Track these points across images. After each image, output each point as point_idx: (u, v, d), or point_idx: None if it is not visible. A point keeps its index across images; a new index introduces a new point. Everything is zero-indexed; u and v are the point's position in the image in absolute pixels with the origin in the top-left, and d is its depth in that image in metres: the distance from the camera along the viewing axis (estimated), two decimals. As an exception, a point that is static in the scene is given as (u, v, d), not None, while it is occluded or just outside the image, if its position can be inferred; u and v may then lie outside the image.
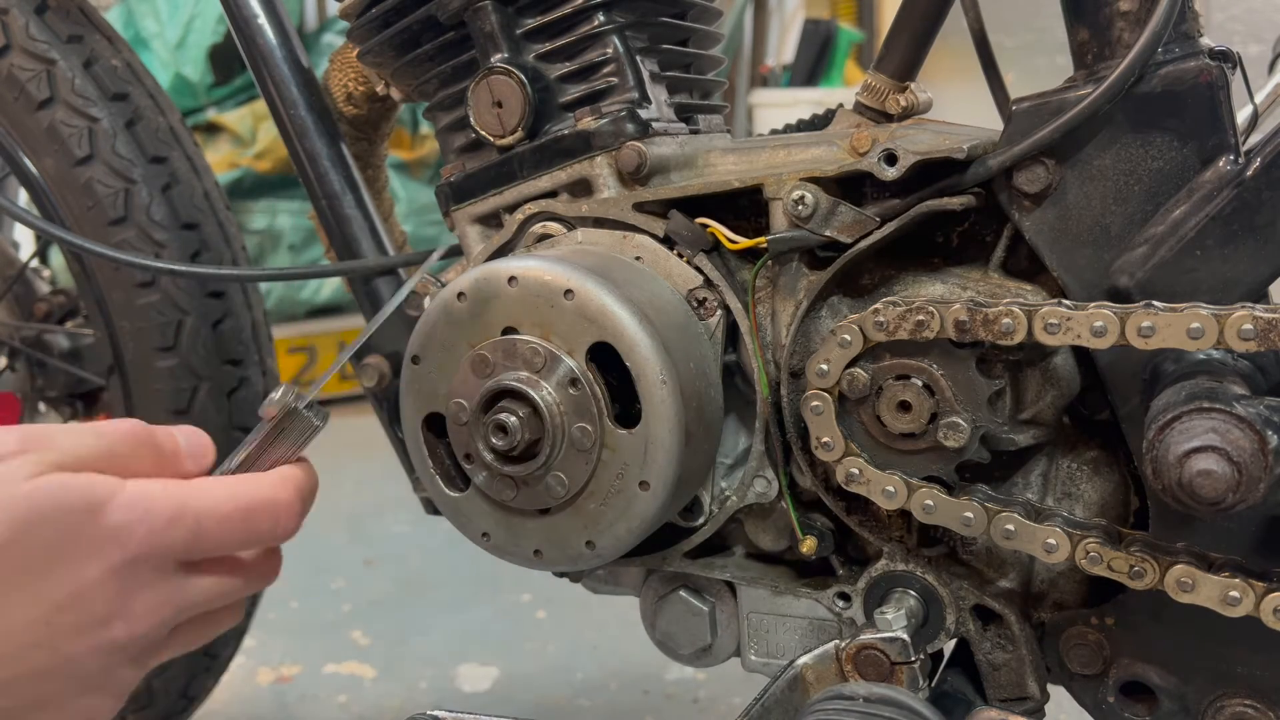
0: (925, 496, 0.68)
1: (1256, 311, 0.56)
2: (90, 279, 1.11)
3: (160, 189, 1.10)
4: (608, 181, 0.78)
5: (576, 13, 0.78)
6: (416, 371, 0.75)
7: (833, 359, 0.69)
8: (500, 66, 0.78)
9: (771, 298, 0.76)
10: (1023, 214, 0.69)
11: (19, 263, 1.41)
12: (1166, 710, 0.70)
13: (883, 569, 0.75)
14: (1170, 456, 0.57)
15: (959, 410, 0.67)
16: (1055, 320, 0.62)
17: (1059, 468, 0.73)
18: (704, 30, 0.87)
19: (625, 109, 0.78)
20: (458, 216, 0.85)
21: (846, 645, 0.70)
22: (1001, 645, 0.74)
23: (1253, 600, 0.60)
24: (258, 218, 3.06)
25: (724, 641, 0.83)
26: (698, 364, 0.73)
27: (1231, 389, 0.58)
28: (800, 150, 0.75)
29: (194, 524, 0.60)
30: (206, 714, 1.44)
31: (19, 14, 1.08)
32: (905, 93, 0.75)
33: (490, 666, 1.71)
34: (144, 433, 0.63)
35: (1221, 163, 0.64)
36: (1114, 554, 0.64)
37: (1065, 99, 0.66)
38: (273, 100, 0.96)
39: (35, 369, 1.38)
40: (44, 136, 1.08)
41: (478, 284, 0.72)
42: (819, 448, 0.71)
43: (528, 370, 0.70)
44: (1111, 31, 0.67)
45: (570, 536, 0.73)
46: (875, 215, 0.71)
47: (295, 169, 0.97)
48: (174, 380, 1.11)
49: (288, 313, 3.16)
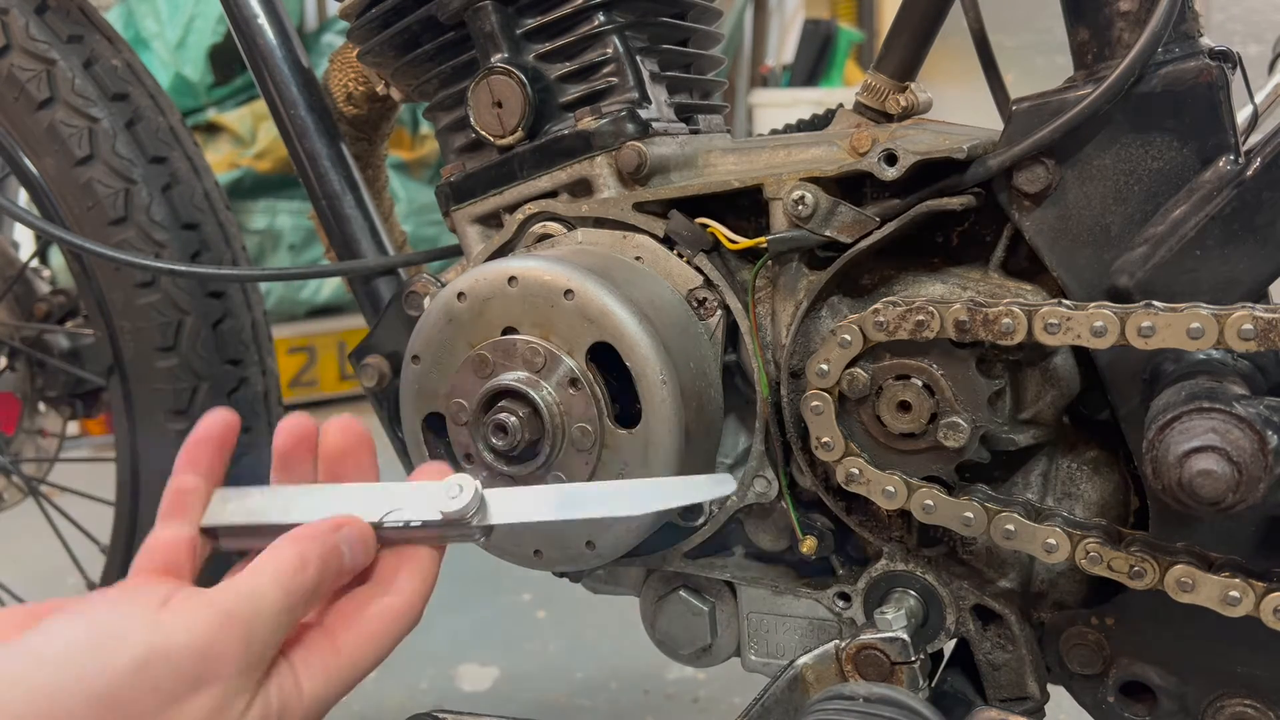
0: (925, 496, 0.68)
1: (1256, 311, 0.56)
2: (90, 279, 1.11)
3: (160, 189, 1.10)
4: (608, 181, 0.78)
5: (576, 13, 0.78)
6: (416, 371, 0.75)
7: (833, 359, 0.69)
8: (500, 66, 0.78)
9: (771, 298, 0.75)
10: (1023, 214, 0.69)
11: (19, 263, 1.41)
12: (1166, 710, 0.70)
13: (883, 569, 0.75)
14: (1170, 456, 0.57)
15: (959, 410, 0.67)
16: (1055, 320, 0.62)
17: (1059, 468, 0.73)
18: (704, 30, 0.87)
19: (625, 109, 0.78)
20: (458, 216, 0.85)
21: (846, 645, 0.70)
22: (1001, 645, 0.74)
23: (1253, 600, 0.60)
24: (258, 218, 3.06)
25: (724, 641, 0.83)
26: (698, 364, 0.73)
27: (1231, 389, 0.58)
28: (800, 150, 0.75)
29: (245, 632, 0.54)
30: (206, 714, 1.44)
31: (19, 14, 1.08)
32: (905, 93, 0.75)
33: (490, 666, 1.71)
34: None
35: (1221, 163, 0.64)
36: (1114, 554, 0.64)
37: (1065, 99, 0.66)
38: (273, 100, 0.96)
39: (35, 369, 1.38)
40: (44, 136, 1.08)
41: (478, 284, 0.72)
42: (819, 448, 0.71)
43: (528, 370, 0.70)
44: (1111, 31, 0.67)
45: (570, 536, 0.73)
46: (875, 215, 0.71)
47: (295, 169, 0.97)
48: (174, 380, 1.11)
49: (288, 313, 3.16)
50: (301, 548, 0.57)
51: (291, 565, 0.56)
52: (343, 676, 0.59)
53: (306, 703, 0.57)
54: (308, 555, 0.57)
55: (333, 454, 0.66)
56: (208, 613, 0.53)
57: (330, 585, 0.59)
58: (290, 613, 0.56)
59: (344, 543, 0.59)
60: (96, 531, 1.35)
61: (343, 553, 0.59)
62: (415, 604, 0.62)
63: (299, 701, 0.57)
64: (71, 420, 1.43)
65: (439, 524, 0.61)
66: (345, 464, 0.66)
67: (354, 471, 0.66)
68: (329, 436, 0.66)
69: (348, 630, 0.60)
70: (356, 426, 0.66)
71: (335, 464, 0.66)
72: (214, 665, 0.52)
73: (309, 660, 0.58)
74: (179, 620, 0.52)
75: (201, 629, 0.52)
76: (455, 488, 0.60)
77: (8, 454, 1.38)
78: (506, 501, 0.61)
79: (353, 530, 0.60)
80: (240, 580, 0.55)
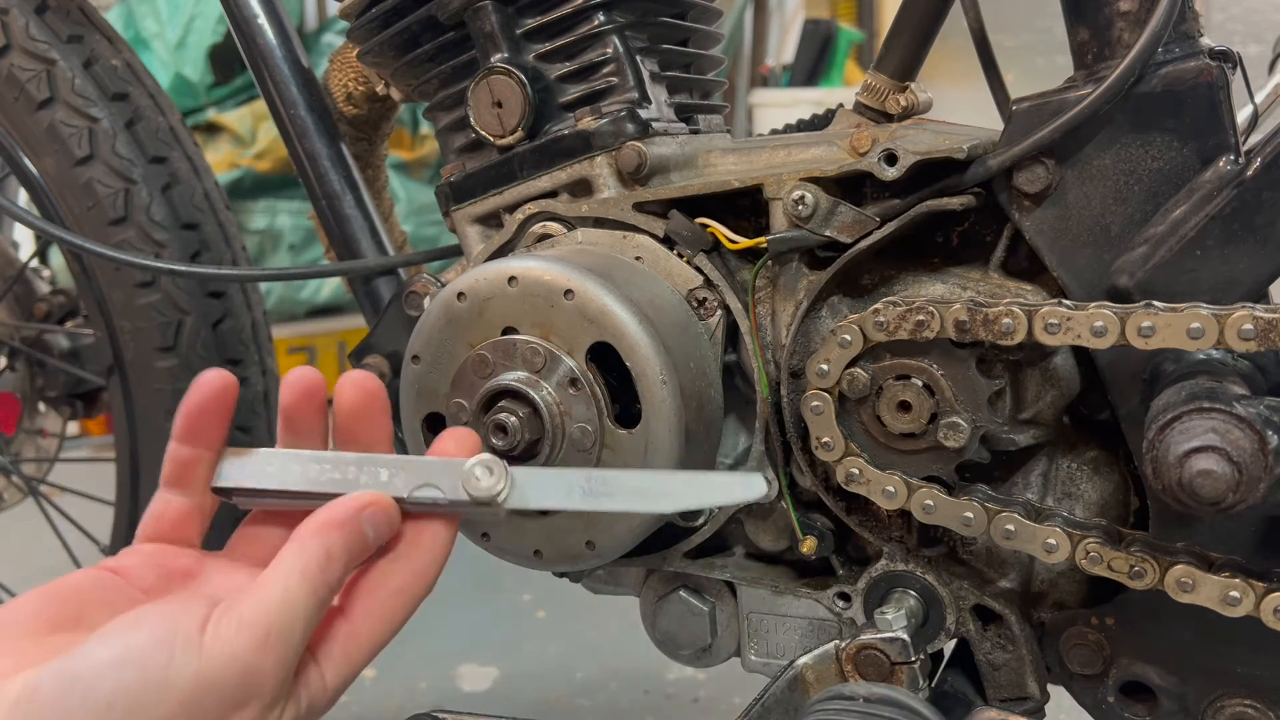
0: (925, 496, 0.68)
1: (1256, 311, 0.56)
2: (90, 279, 1.11)
3: (160, 189, 1.10)
4: (608, 181, 0.78)
5: (576, 13, 0.78)
6: (416, 371, 0.75)
7: (833, 359, 0.69)
8: (500, 66, 0.78)
9: (771, 298, 0.75)
10: (1023, 214, 0.69)
11: (19, 263, 1.41)
12: (1166, 710, 0.70)
13: (883, 569, 0.75)
14: (1170, 456, 0.57)
15: (959, 410, 0.67)
16: (1055, 320, 0.62)
17: (1059, 468, 0.73)
18: (704, 30, 0.87)
19: (625, 109, 0.78)
20: (458, 216, 0.85)
21: (846, 645, 0.70)
22: (1001, 645, 0.74)
23: (1253, 600, 0.60)
24: (258, 218, 3.06)
25: (724, 641, 0.83)
26: (698, 364, 0.73)
27: (1231, 389, 0.58)
28: (800, 150, 0.75)
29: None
30: (206, 714, 1.44)
31: (19, 14, 1.08)
32: (905, 93, 0.75)
33: (490, 666, 1.71)
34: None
35: (1221, 163, 0.64)
36: (1114, 554, 0.64)
37: (1065, 99, 0.66)
38: (273, 100, 0.96)
39: (35, 369, 1.38)
40: (44, 136, 1.08)
41: (478, 284, 0.72)
42: (819, 448, 0.71)
43: (527, 370, 0.70)
44: (1111, 31, 0.67)
45: (570, 536, 0.73)
46: (875, 215, 0.71)
47: (295, 169, 0.97)
48: (174, 380, 1.11)
49: (288, 313, 3.15)
50: (328, 541, 0.57)
51: (318, 563, 0.56)
52: (362, 658, 0.59)
53: (329, 694, 0.58)
54: (334, 550, 0.57)
55: (347, 412, 0.64)
56: (249, 635, 0.53)
57: (354, 569, 0.59)
58: (320, 609, 0.56)
59: (368, 524, 0.59)
60: (96, 531, 1.35)
61: (367, 535, 0.59)
62: (431, 575, 0.61)
63: (324, 694, 0.57)
64: (71, 420, 1.43)
65: (467, 504, 0.60)
66: (359, 423, 0.64)
67: (368, 430, 0.64)
68: (344, 394, 0.64)
69: (366, 614, 0.59)
70: (371, 383, 0.64)
71: (350, 422, 0.64)
72: (256, 684, 0.53)
73: (331, 652, 0.58)
74: (222, 647, 0.52)
75: (244, 653, 0.52)
76: (484, 469, 0.59)
77: (8, 454, 1.38)
78: (535, 485, 0.60)
79: (377, 510, 0.59)
80: (269, 588, 0.55)
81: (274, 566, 0.56)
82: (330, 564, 0.56)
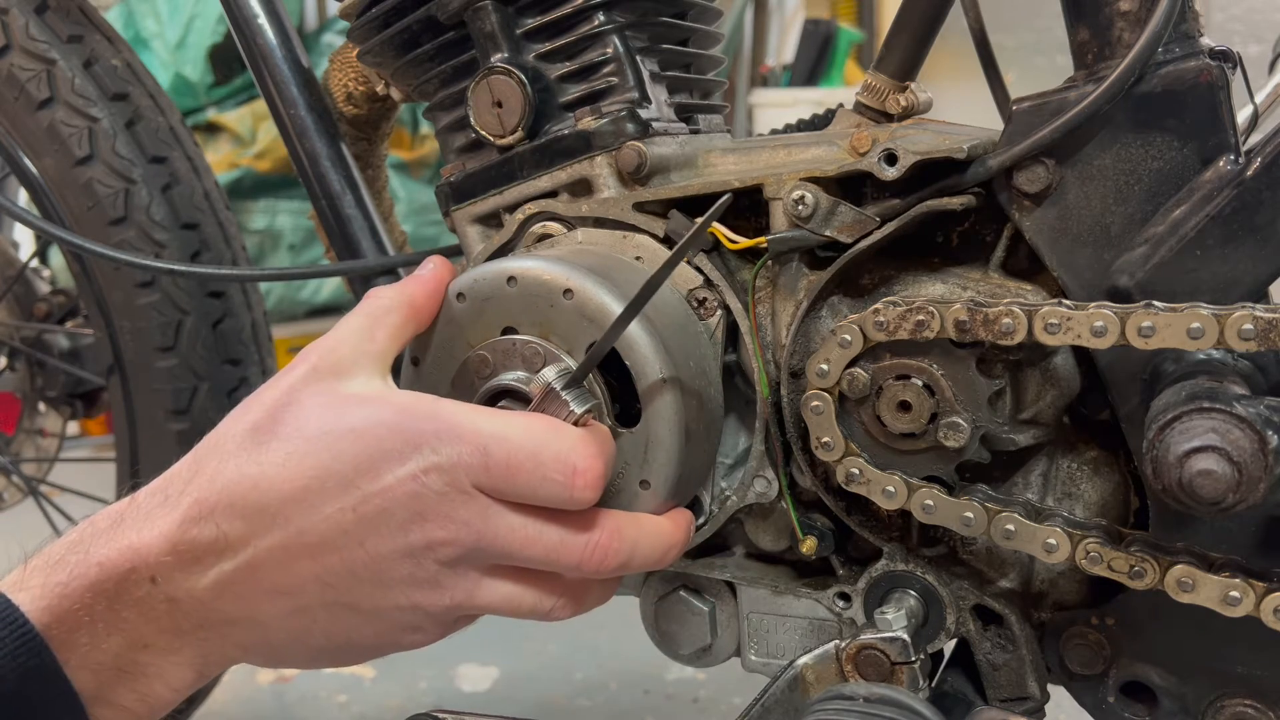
0: (925, 496, 0.68)
1: (1256, 311, 0.56)
2: (90, 279, 1.11)
3: (160, 189, 1.10)
4: (608, 181, 0.78)
5: (576, 13, 0.78)
6: (416, 372, 0.75)
7: (833, 359, 0.69)
8: (500, 66, 0.78)
9: (771, 298, 0.76)
10: (1023, 214, 0.69)
11: (19, 263, 1.41)
12: (1166, 710, 0.70)
13: (883, 569, 0.75)
14: (1170, 456, 0.57)
15: (959, 410, 0.67)
16: (1055, 320, 0.62)
17: (1059, 468, 0.73)
18: (704, 30, 0.87)
19: (625, 109, 0.78)
20: (458, 216, 0.85)
21: (846, 645, 0.70)
22: (1002, 645, 0.74)
23: (1253, 600, 0.60)
24: (258, 218, 3.06)
25: (724, 641, 0.83)
26: (698, 364, 0.73)
27: (1232, 389, 0.58)
28: (800, 150, 0.75)
29: (479, 444, 0.61)
30: (207, 714, 1.44)
31: (19, 14, 1.08)
32: (905, 93, 0.75)
33: (490, 666, 1.71)
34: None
35: (1221, 163, 0.64)
36: (1114, 554, 0.64)
37: (1065, 99, 0.66)
38: (273, 100, 0.96)
39: (35, 369, 1.38)
40: (44, 136, 1.08)
41: (477, 284, 0.72)
42: (819, 448, 0.71)
43: (527, 370, 0.70)
44: (1111, 31, 0.67)
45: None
46: (875, 215, 0.71)
47: (295, 169, 0.97)
48: (174, 380, 1.11)
49: (288, 313, 3.16)
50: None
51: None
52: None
53: None
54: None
55: None
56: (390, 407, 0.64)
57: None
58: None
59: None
60: (96, 531, 1.35)
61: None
62: (578, 445, 0.64)
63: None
64: (71, 420, 1.43)
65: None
66: None
67: None
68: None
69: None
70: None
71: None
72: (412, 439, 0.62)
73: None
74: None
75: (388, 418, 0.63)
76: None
77: (8, 454, 1.38)
78: None
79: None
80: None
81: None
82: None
